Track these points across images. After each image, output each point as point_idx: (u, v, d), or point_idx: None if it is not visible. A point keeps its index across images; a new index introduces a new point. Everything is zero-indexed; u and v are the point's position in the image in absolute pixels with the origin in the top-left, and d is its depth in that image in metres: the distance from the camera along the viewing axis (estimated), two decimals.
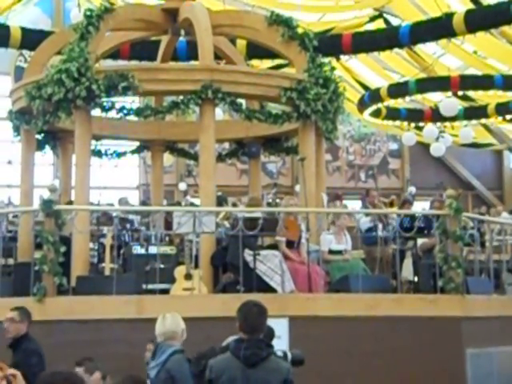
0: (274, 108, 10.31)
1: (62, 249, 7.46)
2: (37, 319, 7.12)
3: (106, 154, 10.96)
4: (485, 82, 13.79)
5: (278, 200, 13.76)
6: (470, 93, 14.85)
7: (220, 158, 11.18)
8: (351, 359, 7.24)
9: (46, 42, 10.06)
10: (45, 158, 11.38)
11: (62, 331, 7.12)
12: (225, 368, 4.02)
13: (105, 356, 5.98)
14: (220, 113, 11.58)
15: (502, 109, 15.28)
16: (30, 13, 18.30)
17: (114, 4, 10.93)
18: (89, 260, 8.64)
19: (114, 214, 8.19)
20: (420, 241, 9.02)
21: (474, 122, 16.30)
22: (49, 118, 8.78)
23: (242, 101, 9.37)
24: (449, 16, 11.41)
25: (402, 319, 7.41)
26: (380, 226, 9.36)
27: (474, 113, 15.90)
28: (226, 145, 13.64)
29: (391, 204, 12.11)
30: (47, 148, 10.46)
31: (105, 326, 6.97)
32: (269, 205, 11.80)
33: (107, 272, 8.18)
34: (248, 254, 7.88)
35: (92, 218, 8.77)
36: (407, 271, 9.33)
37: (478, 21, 11.30)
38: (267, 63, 13.85)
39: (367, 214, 9.90)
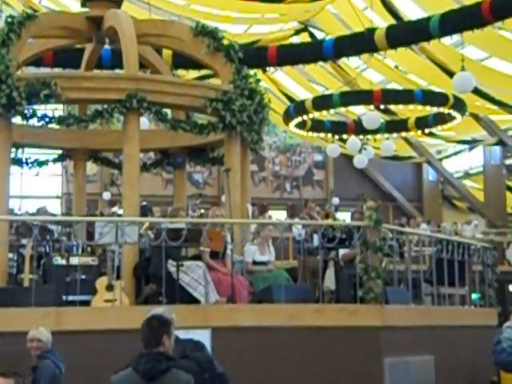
0: (200, 118, 10.33)
1: None
2: None
3: (27, 163, 10.70)
4: (405, 97, 14.19)
5: (202, 210, 13.76)
6: (392, 107, 15.26)
7: (145, 167, 11.11)
8: (273, 369, 7.29)
9: None
10: None
11: None
12: (124, 383, 3.96)
13: (23, 369, 5.83)
14: (146, 122, 11.51)
15: (422, 123, 15.76)
16: None
17: (36, 11, 10.74)
18: (7, 271, 8.43)
19: (34, 224, 7.99)
20: (342, 251, 9.18)
21: (395, 135, 16.75)
22: None
23: (168, 110, 9.35)
24: (371, 31, 11.71)
25: (323, 329, 7.50)
26: (315, 236, 9.45)
27: (395, 126, 16.34)
28: (151, 154, 13.56)
29: (327, 216, 12.32)
30: None
31: (23, 339, 6.79)
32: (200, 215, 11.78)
33: (26, 283, 7.98)
34: (171, 265, 7.84)
35: (11, 228, 8.55)
36: (329, 281, 9.47)
37: (399, 36, 11.65)
38: (193, 73, 13.88)
39: (303, 226, 10.02)
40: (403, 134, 16.89)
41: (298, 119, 15.66)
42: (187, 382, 4.01)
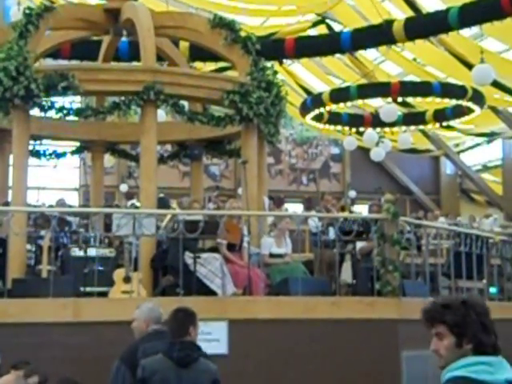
0: (217, 111, 10.32)
1: None
2: None
3: (45, 155, 10.77)
4: (423, 89, 14.07)
5: (220, 203, 13.76)
6: (409, 99, 15.15)
7: (162, 159, 11.13)
8: (289, 361, 7.29)
9: None
10: None
11: None
12: (157, 368, 4.21)
13: (41, 360, 5.87)
14: (163, 114, 11.52)
15: (440, 115, 15.63)
16: None
17: (54, 3, 10.77)
18: (25, 262, 8.49)
19: (52, 216, 8.04)
20: (359, 244, 9.15)
21: (412, 127, 16.63)
22: None
23: (185, 103, 9.35)
24: (389, 23, 11.63)
25: (340, 321, 7.49)
26: (331, 229, 9.43)
27: (413, 119, 16.22)
28: (168, 146, 13.58)
29: (342, 209, 12.30)
30: None
31: (41, 330, 6.84)
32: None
33: (44, 274, 8.03)
34: (188, 257, 7.86)
35: (29, 220, 8.60)
36: (346, 274, 9.45)
37: (418, 28, 11.55)
38: (210, 66, 13.85)
39: (320, 218, 10.00)
40: (421, 126, 16.78)
41: (315, 112, 15.60)
42: (215, 371, 4.32)
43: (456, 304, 2.53)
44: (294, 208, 17.00)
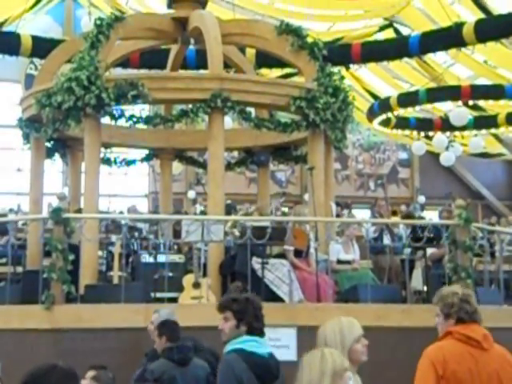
0: (283, 117, 10.31)
1: (71, 257, 7.45)
2: (45, 327, 7.14)
3: (116, 162, 10.98)
4: (495, 92, 13.74)
5: (286, 209, 13.74)
6: (481, 102, 14.81)
7: (229, 166, 11.19)
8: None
9: (56, 51, 10.11)
10: (54, 165, 11.41)
11: (69, 339, 7.11)
12: (164, 369, 5.02)
13: (112, 365, 5.96)
14: (229, 121, 11.60)
15: None
16: (41, 21, 18.39)
17: (124, 13, 10.98)
18: (97, 268, 8.64)
19: (123, 222, 8.17)
20: (429, 251, 8.98)
21: (483, 131, 16.24)
22: (58, 126, 8.81)
23: (251, 109, 9.38)
24: (459, 25, 11.39)
25: (411, 330, 7.35)
26: (387, 235, 9.32)
27: (484, 122, 15.84)
28: (235, 153, 13.65)
29: (394, 213, 12.10)
30: (57, 156, 10.50)
31: (112, 335, 6.95)
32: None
33: (116, 280, 8.17)
34: (256, 262, 7.86)
35: (101, 226, 8.78)
36: (417, 281, 9.29)
37: (489, 30, 11.28)
38: (276, 72, 13.87)
39: (374, 224, 9.87)
40: (493, 130, 16.38)
41: (382, 116, 15.42)
42: (207, 367, 5.15)
43: (241, 299, 3.86)
44: (362, 214, 16.84)
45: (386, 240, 9.92)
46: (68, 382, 2.32)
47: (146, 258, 8.91)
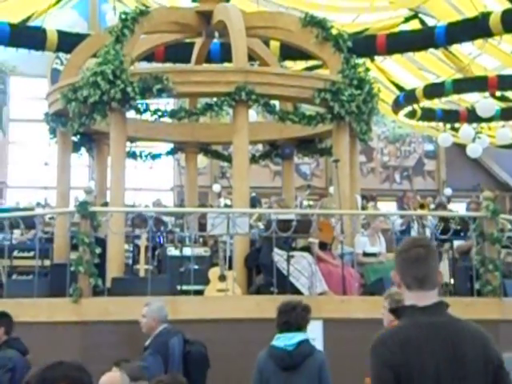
0: (308, 109, 10.27)
1: (98, 250, 7.51)
2: (72, 320, 7.22)
3: (141, 156, 11.03)
4: None
5: (311, 202, 13.71)
6: (508, 93, 14.63)
7: (253, 159, 11.19)
8: None
9: (81, 45, 10.17)
10: (81, 159, 11.51)
11: (97, 332, 7.18)
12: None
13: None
14: (254, 114, 11.59)
15: None
16: (67, 16, 18.50)
17: (148, 7, 11.00)
18: (124, 261, 8.70)
19: (149, 215, 8.22)
20: (456, 243, 8.91)
21: (511, 122, 16.06)
22: (84, 120, 8.86)
23: (276, 102, 9.36)
24: (485, 16, 11.26)
25: None
26: (415, 227, 9.26)
27: None
28: (260, 146, 13.65)
29: (422, 206, 12.00)
30: (83, 150, 10.59)
31: (139, 327, 7.00)
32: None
33: (142, 273, 8.22)
34: (276, 254, 7.86)
35: (127, 220, 8.84)
36: (444, 274, 9.21)
37: None
38: (301, 64, 13.82)
39: (402, 216, 9.81)
40: None
41: (408, 108, 15.31)
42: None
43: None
44: (387, 207, 16.75)
45: (413, 233, 9.86)
46: (76, 374, 2.31)
47: (172, 251, 8.95)
